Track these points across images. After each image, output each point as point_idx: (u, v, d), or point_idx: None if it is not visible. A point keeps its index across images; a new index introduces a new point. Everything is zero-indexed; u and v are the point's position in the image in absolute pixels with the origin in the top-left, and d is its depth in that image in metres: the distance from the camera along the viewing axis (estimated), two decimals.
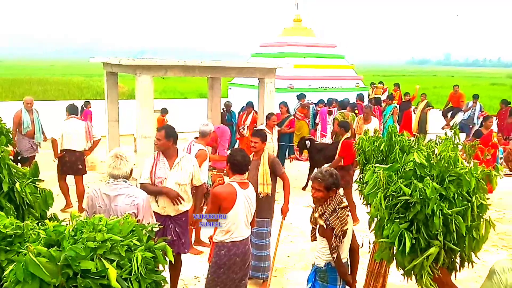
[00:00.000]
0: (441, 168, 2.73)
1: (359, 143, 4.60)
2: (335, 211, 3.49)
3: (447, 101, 15.27)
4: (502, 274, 2.45)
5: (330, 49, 14.36)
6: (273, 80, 9.54)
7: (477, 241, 2.69)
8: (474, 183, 2.68)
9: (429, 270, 2.62)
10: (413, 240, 2.63)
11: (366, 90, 14.70)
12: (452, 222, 2.58)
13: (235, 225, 3.95)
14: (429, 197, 2.55)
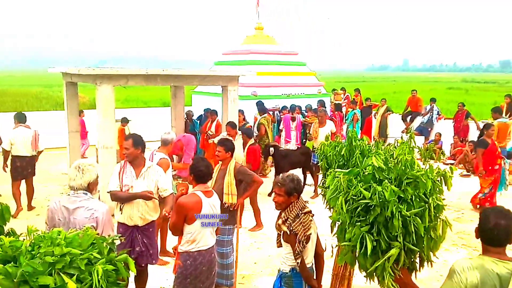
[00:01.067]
0: (399, 171, 2.80)
1: (321, 149, 4.66)
2: (297, 216, 3.50)
3: (406, 106, 15.71)
4: (462, 273, 2.52)
5: (292, 57, 14.53)
6: (236, 88, 9.57)
7: (435, 241, 2.78)
8: (430, 184, 2.76)
9: (390, 271, 2.68)
10: (374, 242, 2.68)
11: (328, 96, 14.95)
12: (410, 223, 2.65)
13: (200, 234, 3.93)
14: (388, 199, 2.61)
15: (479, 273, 2.51)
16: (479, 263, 2.55)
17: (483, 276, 2.50)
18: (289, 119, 11.77)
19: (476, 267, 2.53)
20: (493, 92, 40.38)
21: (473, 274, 2.51)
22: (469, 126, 13.63)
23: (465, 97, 32.52)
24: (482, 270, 2.52)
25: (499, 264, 2.53)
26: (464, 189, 10.21)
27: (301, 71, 14.48)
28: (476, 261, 2.57)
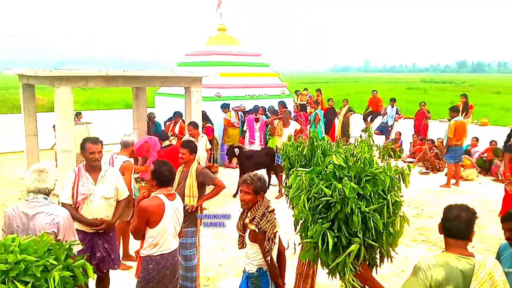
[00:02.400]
0: (358, 169, 2.86)
1: (283, 149, 4.70)
2: (264, 215, 3.54)
3: (367, 106, 16.05)
4: (427, 271, 2.58)
5: (255, 58, 14.57)
6: (200, 89, 9.52)
7: (393, 236, 2.85)
8: (389, 181, 2.83)
9: (351, 267, 2.73)
10: (335, 238, 2.72)
11: (291, 97, 15.08)
12: (370, 219, 2.71)
13: (163, 237, 3.87)
14: (347, 196, 2.67)
15: (444, 271, 2.58)
16: (444, 261, 2.62)
17: (447, 273, 2.57)
18: (252, 120, 11.81)
19: (441, 265, 2.60)
20: (451, 92, 41.81)
21: (438, 272, 2.58)
22: (428, 125, 14.04)
23: (424, 97, 33.48)
24: (447, 267, 2.59)
25: (462, 260, 2.61)
26: (423, 186, 10.53)
27: (265, 72, 14.55)
28: (441, 258, 2.64)
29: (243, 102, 12.93)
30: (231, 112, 12.19)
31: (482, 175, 11.75)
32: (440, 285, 2.57)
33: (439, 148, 12.29)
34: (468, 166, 11.33)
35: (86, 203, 4.35)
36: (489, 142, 12.13)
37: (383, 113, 15.01)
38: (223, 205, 8.70)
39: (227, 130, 12.18)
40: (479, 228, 7.52)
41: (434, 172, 12.14)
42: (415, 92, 45.89)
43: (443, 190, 10.27)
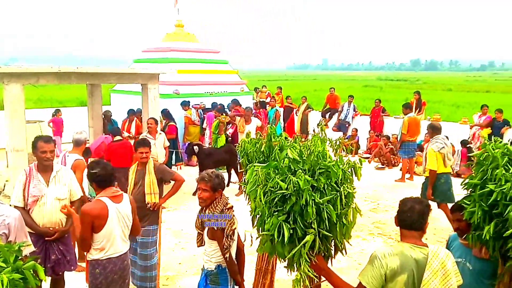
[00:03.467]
0: (312, 162, 2.92)
1: (242, 146, 4.69)
2: (222, 212, 3.54)
3: (325, 103, 16.30)
4: (383, 259, 2.67)
5: (214, 55, 14.50)
6: (157, 86, 9.37)
7: (346, 227, 2.92)
8: (341, 174, 2.91)
9: (306, 258, 2.78)
10: (291, 230, 2.77)
11: (250, 94, 15.11)
12: (324, 210, 2.77)
13: (109, 242, 3.71)
14: (302, 188, 2.71)
15: (399, 259, 2.66)
16: (399, 250, 2.71)
17: (402, 262, 2.66)
18: (213, 117, 11.74)
19: (396, 254, 2.68)
20: (405, 89, 43.01)
21: (393, 260, 2.66)
22: (384, 122, 14.41)
23: (380, 94, 34.33)
24: (402, 256, 2.67)
25: (416, 250, 2.71)
26: (379, 181, 10.81)
27: (224, 69, 14.51)
28: (396, 247, 2.74)
29: (202, 99, 12.84)
30: (192, 109, 12.08)
31: None
32: (395, 274, 2.65)
33: (394, 144, 12.64)
34: (421, 163, 11.67)
35: (38, 205, 4.19)
36: None
37: (340, 110, 15.28)
38: (183, 203, 8.62)
39: (188, 128, 12.06)
40: (432, 220, 7.78)
41: (389, 167, 12.47)
42: (372, 89, 46.94)
43: (398, 185, 10.58)
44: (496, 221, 2.86)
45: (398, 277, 2.65)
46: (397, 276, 2.65)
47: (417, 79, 73.25)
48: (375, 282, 2.67)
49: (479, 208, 2.94)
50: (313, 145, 3.06)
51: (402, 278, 2.65)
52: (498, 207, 2.85)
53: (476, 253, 3.26)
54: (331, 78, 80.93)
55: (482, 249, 3.18)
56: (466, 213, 3.07)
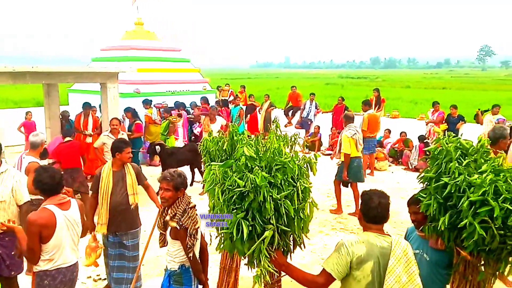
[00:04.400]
0: (268, 159, 2.95)
1: (204, 144, 4.67)
2: (185, 211, 3.51)
3: (287, 101, 16.42)
4: (349, 247, 2.74)
5: (175, 53, 14.34)
6: (116, 85, 9.17)
7: (304, 221, 2.96)
8: (297, 170, 2.95)
9: (266, 253, 2.81)
10: (249, 227, 2.79)
11: (213, 93, 15.03)
12: (281, 206, 2.81)
13: (59, 252, 3.52)
14: (259, 185, 2.74)
15: (365, 247, 2.75)
16: (365, 238, 2.80)
17: (368, 249, 2.75)
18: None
19: (362, 241, 2.77)
20: (365, 87, 43.84)
21: (360, 248, 2.74)
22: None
23: (341, 92, 34.85)
24: (368, 244, 2.76)
25: (381, 238, 2.81)
26: None
27: (185, 67, 14.37)
28: (362, 236, 2.82)
29: (164, 98, 12.68)
30: (153, 108, 11.90)
31: (394, 164, 12.50)
32: (362, 261, 2.73)
33: None
34: (381, 158, 11.98)
35: None
36: (399, 134, 12.91)
37: (302, 108, 15.41)
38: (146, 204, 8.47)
39: (149, 127, 11.88)
40: (392, 214, 7.98)
41: None
42: (333, 87, 47.63)
43: None
44: (451, 213, 2.96)
45: (365, 265, 2.73)
46: (364, 263, 2.73)
47: (376, 77, 74.90)
48: (340, 269, 2.74)
49: (435, 200, 3.04)
50: (268, 142, 3.09)
51: (368, 266, 2.73)
52: (452, 199, 2.95)
53: (433, 245, 3.37)
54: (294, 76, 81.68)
55: (438, 241, 3.28)
56: (422, 206, 3.16)
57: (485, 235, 2.79)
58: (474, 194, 2.81)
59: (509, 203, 2.75)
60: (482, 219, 2.78)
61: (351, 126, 8.30)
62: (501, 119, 11.22)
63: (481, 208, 2.79)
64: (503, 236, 2.80)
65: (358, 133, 8.29)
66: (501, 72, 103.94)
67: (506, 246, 2.84)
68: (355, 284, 2.76)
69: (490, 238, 2.81)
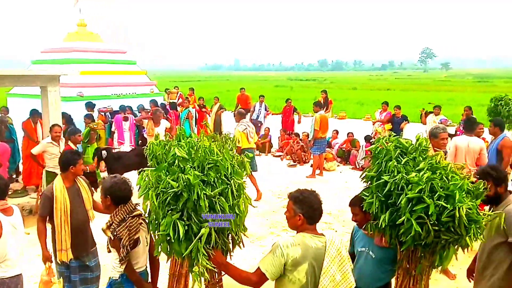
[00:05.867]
0: (200, 158, 2.94)
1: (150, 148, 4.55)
2: (124, 220, 3.37)
3: (236, 103, 16.44)
4: (285, 249, 2.75)
5: (121, 55, 14.00)
6: (57, 88, 8.82)
7: (240, 217, 2.97)
8: (230, 167, 2.97)
9: (203, 252, 2.79)
10: (186, 227, 2.76)
11: (161, 95, 14.79)
12: (216, 203, 2.81)
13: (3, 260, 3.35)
14: (192, 183, 2.72)
15: (300, 249, 2.76)
16: (301, 240, 2.81)
17: (303, 251, 2.76)
18: (121, 120, 11.34)
19: (298, 244, 2.78)
20: (314, 89, 44.66)
21: (295, 250, 2.75)
22: (294, 121, 14.83)
23: (290, 93, 35.33)
24: (303, 246, 2.78)
25: (315, 239, 2.84)
26: (291, 178, 11.10)
27: (131, 70, 14.06)
28: (298, 238, 2.83)
29: (109, 101, 12.34)
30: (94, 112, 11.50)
31: (342, 164, 12.78)
32: (297, 263, 2.75)
33: (304, 141, 13.05)
34: (330, 159, 12.22)
35: None
36: (347, 134, 13.23)
37: (252, 110, 15.47)
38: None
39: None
40: (340, 213, 8.17)
41: (301, 164, 12.86)
42: (282, 89, 48.16)
43: (309, 181, 10.91)
44: (391, 210, 3.05)
45: (300, 267, 2.75)
46: (299, 265, 2.75)
47: (324, 79, 76.47)
48: (274, 270, 2.76)
49: (376, 198, 3.11)
50: (200, 142, 3.05)
51: (303, 267, 2.75)
52: (392, 197, 3.03)
53: (378, 242, 3.46)
54: (243, 79, 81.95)
55: (382, 238, 3.37)
56: (365, 204, 3.24)
57: (421, 231, 2.89)
58: (411, 191, 2.90)
59: (443, 200, 2.86)
60: (418, 215, 2.88)
61: (243, 121, 9.71)
62: (444, 119, 11.74)
63: (418, 205, 2.88)
64: (437, 231, 2.91)
65: (249, 127, 9.55)
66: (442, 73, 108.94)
67: (440, 240, 2.95)
68: (290, 285, 2.78)
69: (425, 233, 2.92)
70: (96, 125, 10.35)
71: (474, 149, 6.63)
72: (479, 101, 23.93)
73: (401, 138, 3.30)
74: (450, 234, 2.92)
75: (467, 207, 2.84)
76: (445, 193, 2.88)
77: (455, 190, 2.89)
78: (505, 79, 64.10)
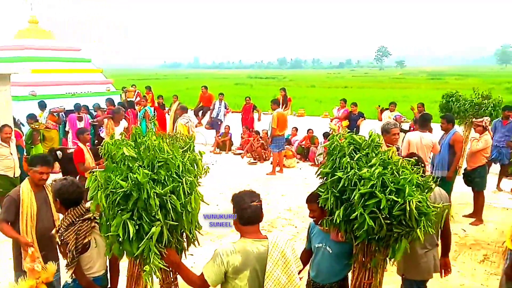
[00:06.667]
0: (150, 157, 2.91)
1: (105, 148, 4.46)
2: (72, 224, 3.28)
3: (198, 101, 16.33)
4: (224, 258, 2.73)
5: (75, 53, 13.62)
6: (8, 88, 8.49)
7: (192, 214, 2.94)
8: (182, 166, 2.94)
9: (155, 251, 2.75)
10: (136, 226, 2.72)
11: (117, 94, 14.50)
12: (167, 201, 2.77)
13: None
14: (142, 182, 2.68)
15: (241, 257, 2.74)
16: (241, 247, 2.79)
17: (244, 258, 2.75)
18: (75, 120, 11.03)
19: (238, 251, 2.76)
20: (273, 87, 44.85)
21: (235, 258, 2.74)
22: (254, 118, 14.87)
23: (250, 91, 35.35)
24: (244, 253, 2.76)
25: (257, 244, 2.82)
26: (252, 175, 11.14)
27: (86, 68, 13.72)
28: (239, 245, 2.81)
29: (63, 100, 11.99)
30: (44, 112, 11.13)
31: (302, 161, 12.93)
32: (238, 271, 2.74)
33: (264, 138, 13.12)
34: (289, 156, 12.34)
35: None
36: (307, 131, 13.39)
37: (212, 108, 15.41)
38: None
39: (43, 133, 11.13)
40: (300, 209, 8.25)
41: (261, 161, 12.92)
42: (242, 87, 48.13)
43: (269, 178, 10.99)
44: (345, 206, 3.11)
45: (241, 274, 2.73)
46: (240, 273, 2.73)
47: (284, 77, 77.03)
48: (215, 278, 2.75)
49: (331, 194, 3.17)
50: (148, 140, 3.03)
51: (245, 275, 2.74)
52: (346, 192, 3.10)
53: (334, 237, 3.52)
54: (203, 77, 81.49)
55: (338, 233, 3.44)
56: (321, 200, 3.28)
57: (374, 225, 2.96)
58: (363, 187, 2.97)
59: (394, 194, 2.95)
60: (371, 210, 2.95)
61: (185, 115, 10.50)
62: (398, 116, 12.07)
63: (370, 200, 2.94)
64: (389, 225, 2.99)
65: (191, 122, 10.40)
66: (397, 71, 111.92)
67: (393, 233, 3.04)
68: None
69: (378, 227, 2.99)
70: (38, 125, 10.02)
71: (427, 145, 6.88)
72: (432, 98, 24.71)
73: (355, 135, 3.37)
74: (401, 227, 3.00)
75: (417, 200, 2.93)
76: (396, 187, 2.96)
77: (405, 184, 2.97)
78: (456, 76, 66.55)
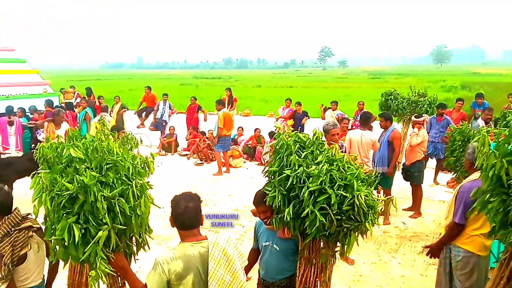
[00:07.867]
0: (98, 158, 2.81)
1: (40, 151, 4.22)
2: (7, 234, 3.09)
3: (141, 102, 15.98)
4: (165, 266, 2.64)
5: (8, 53, 12.90)
6: None
7: (142, 218, 2.86)
8: (132, 168, 2.87)
9: (102, 255, 2.65)
10: (83, 230, 2.61)
11: (56, 95, 13.89)
12: (116, 204, 2.68)
13: None
14: (88, 185, 2.59)
15: (182, 262, 2.67)
16: (181, 252, 2.71)
17: (186, 263, 2.67)
18: (5, 123, 10.38)
19: (179, 257, 2.68)
20: (219, 87, 44.72)
21: (176, 264, 2.65)
22: (199, 119, 14.72)
23: (196, 92, 35.07)
24: (185, 258, 2.69)
25: (197, 246, 2.75)
26: (199, 176, 11.02)
27: (21, 68, 13.03)
28: (178, 250, 2.72)
29: None
30: None
31: (249, 160, 12.94)
32: (181, 277, 2.66)
33: (210, 139, 13.02)
34: (236, 156, 12.32)
35: None
36: (254, 130, 13.41)
37: (156, 109, 15.11)
38: None
39: None
40: (247, 209, 8.26)
41: (208, 162, 12.81)
42: (188, 87, 47.65)
43: (216, 178, 10.92)
44: (294, 203, 3.12)
45: (184, 280, 2.66)
46: (183, 278, 2.66)
47: (230, 77, 77.04)
48: (156, 287, 2.64)
49: (279, 193, 3.16)
50: (96, 142, 2.93)
51: (188, 280, 2.67)
52: (295, 190, 3.10)
53: (280, 235, 3.53)
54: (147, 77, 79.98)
55: (284, 230, 3.44)
56: (269, 198, 3.28)
57: (325, 221, 2.98)
58: (312, 184, 2.99)
59: (342, 189, 2.99)
60: (321, 206, 2.97)
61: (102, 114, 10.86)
62: (340, 114, 12.36)
63: (320, 196, 2.98)
64: (339, 220, 3.04)
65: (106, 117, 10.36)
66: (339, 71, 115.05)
67: (343, 228, 3.08)
68: None
69: (329, 223, 3.02)
70: None
71: (367, 142, 7.17)
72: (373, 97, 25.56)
73: (300, 133, 3.39)
74: (351, 222, 3.06)
75: (364, 194, 2.99)
76: (344, 183, 3.01)
77: (352, 179, 3.03)
78: (395, 75, 69.35)
